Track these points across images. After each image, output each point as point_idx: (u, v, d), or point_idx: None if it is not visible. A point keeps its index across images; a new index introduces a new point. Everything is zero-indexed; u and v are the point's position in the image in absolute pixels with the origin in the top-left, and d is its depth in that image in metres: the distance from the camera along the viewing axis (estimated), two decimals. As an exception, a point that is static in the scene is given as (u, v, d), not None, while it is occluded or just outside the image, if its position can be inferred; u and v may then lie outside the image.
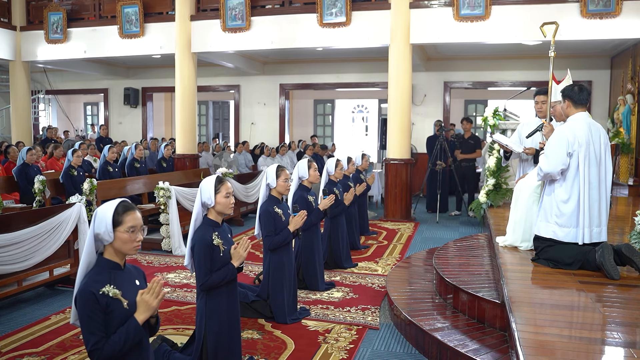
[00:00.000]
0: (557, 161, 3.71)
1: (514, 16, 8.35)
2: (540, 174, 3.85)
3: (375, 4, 9.03)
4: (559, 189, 3.78)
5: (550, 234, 3.82)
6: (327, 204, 4.89)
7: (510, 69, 11.63)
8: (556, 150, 3.72)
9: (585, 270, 3.68)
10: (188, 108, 10.15)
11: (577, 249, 3.73)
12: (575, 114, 3.81)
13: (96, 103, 17.23)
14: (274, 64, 13.32)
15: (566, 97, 3.84)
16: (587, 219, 3.69)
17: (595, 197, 3.73)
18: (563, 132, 3.76)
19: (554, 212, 3.80)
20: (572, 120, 3.81)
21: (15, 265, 4.32)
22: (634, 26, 7.86)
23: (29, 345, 3.67)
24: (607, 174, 3.77)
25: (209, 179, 3.19)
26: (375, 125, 15.17)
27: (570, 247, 3.75)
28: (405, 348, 3.71)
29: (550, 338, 2.59)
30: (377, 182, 10.02)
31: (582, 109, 3.81)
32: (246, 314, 4.11)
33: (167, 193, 6.48)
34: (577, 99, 3.79)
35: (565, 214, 3.74)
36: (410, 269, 5.33)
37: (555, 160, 3.71)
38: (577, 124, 3.76)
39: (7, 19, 11.16)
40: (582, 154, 3.68)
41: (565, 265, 3.75)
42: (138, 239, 2.36)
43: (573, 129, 3.73)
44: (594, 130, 3.76)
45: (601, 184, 3.74)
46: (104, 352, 2.21)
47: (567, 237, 3.75)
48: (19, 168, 7.57)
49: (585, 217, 3.69)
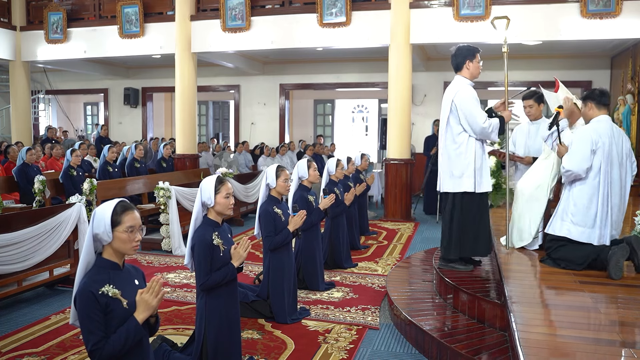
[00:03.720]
0: (583, 159, 3.66)
1: (514, 16, 8.31)
2: (566, 174, 3.78)
3: (375, 4, 9.03)
4: (579, 186, 3.73)
5: (564, 233, 3.76)
6: (328, 204, 4.89)
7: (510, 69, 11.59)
8: (581, 148, 3.68)
9: (592, 269, 3.67)
10: (188, 108, 10.15)
11: (591, 249, 3.69)
12: (599, 116, 3.81)
13: (96, 103, 17.23)
14: (274, 64, 13.32)
15: (588, 99, 3.84)
16: (604, 220, 3.66)
17: (616, 201, 3.71)
18: (587, 131, 3.74)
19: (570, 210, 3.76)
20: (596, 122, 3.79)
21: (15, 265, 4.32)
22: (634, 26, 7.86)
23: (29, 345, 3.67)
24: (627, 177, 3.77)
25: (210, 178, 3.19)
26: (375, 125, 15.16)
27: (584, 247, 3.70)
28: (405, 348, 3.71)
29: (550, 338, 2.59)
30: (377, 182, 10.02)
31: (604, 112, 3.82)
32: (246, 314, 4.11)
33: (167, 193, 6.48)
34: (600, 100, 3.79)
35: (582, 212, 3.69)
36: (410, 269, 5.33)
37: (581, 158, 3.66)
38: (601, 125, 3.75)
39: (7, 19, 11.16)
40: (605, 154, 3.66)
41: (575, 266, 3.72)
42: (137, 239, 2.36)
43: (597, 129, 3.72)
44: (616, 133, 3.76)
45: (622, 188, 3.73)
46: (104, 352, 2.21)
47: (581, 237, 3.70)
48: (18, 168, 7.57)
49: (602, 219, 3.66)
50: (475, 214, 4.07)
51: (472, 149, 4.02)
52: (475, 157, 4.02)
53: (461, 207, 4.08)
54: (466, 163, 4.02)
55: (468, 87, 4.05)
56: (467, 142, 4.02)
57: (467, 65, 4.07)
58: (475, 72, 4.09)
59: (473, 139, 4.02)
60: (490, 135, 4.00)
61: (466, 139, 4.02)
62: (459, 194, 4.07)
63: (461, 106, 3.98)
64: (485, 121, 3.95)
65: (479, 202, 4.08)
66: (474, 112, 3.95)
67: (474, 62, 4.07)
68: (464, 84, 4.07)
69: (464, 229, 4.07)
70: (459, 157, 4.03)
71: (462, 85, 4.06)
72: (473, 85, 4.11)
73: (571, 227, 3.74)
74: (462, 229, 4.07)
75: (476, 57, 4.08)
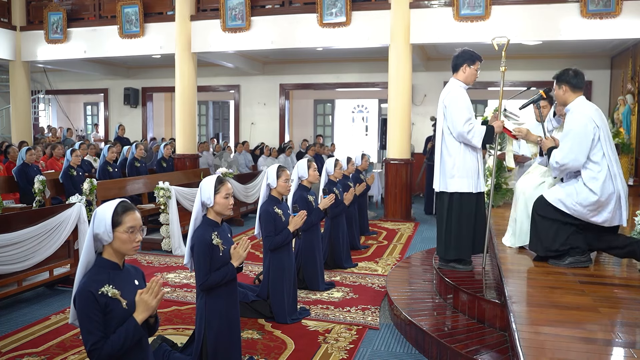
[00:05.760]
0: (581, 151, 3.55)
1: (514, 16, 8.35)
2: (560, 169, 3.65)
3: (375, 4, 9.03)
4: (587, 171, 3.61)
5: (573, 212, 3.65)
6: (327, 204, 4.89)
7: (510, 69, 11.58)
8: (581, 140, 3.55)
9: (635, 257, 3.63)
10: (188, 108, 10.15)
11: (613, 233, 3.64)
12: (576, 99, 3.70)
13: (96, 103, 17.23)
14: (274, 64, 13.32)
15: (563, 82, 3.71)
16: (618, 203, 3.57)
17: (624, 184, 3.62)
18: (580, 120, 3.59)
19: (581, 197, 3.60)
20: (579, 106, 3.66)
21: (15, 265, 4.32)
22: (634, 26, 7.85)
23: (29, 345, 3.67)
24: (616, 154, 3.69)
25: (209, 178, 3.19)
26: (375, 125, 15.16)
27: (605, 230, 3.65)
28: (405, 348, 3.71)
29: (550, 338, 2.59)
30: (377, 182, 10.02)
31: (580, 93, 3.71)
32: (246, 314, 4.11)
33: (167, 193, 6.48)
34: (575, 82, 3.68)
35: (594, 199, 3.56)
36: (410, 269, 5.33)
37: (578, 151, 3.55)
38: (586, 108, 3.63)
39: (7, 19, 11.16)
40: (603, 136, 3.57)
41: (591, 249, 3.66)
42: (137, 239, 2.36)
43: (586, 114, 3.60)
44: (599, 112, 3.67)
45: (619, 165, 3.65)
46: (103, 352, 2.21)
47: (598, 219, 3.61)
48: (18, 168, 7.57)
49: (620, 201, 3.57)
50: (468, 214, 4.07)
51: (465, 149, 4.03)
52: (466, 157, 4.02)
53: (454, 207, 4.09)
54: (459, 163, 4.03)
55: (460, 90, 4.07)
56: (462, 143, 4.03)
57: (464, 69, 4.09)
58: (470, 77, 4.10)
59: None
60: (470, 140, 3.95)
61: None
62: (452, 194, 4.08)
63: (448, 106, 4.02)
64: (465, 124, 3.93)
65: (472, 203, 4.07)
66: (456, 114, 3.97)
67: (472, 68, 4.08)
68: (456, 86, 4.10)
69: (458, 229, 4.07)
70: (452, 157, 4.05)
71: (455, 87, 4.10)
72: (466, 89, 4.12)
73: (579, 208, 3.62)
74: (457, 229, 4.08)
75: (476, 64, 4.08)
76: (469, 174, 4.03)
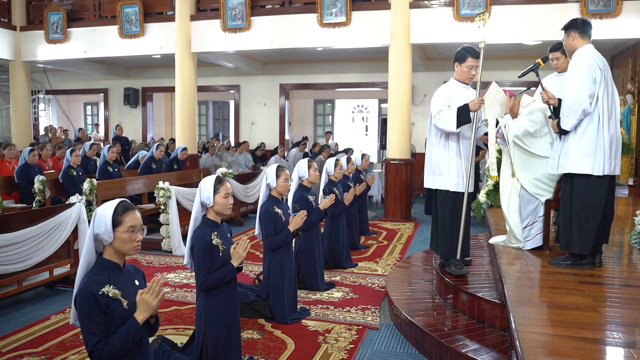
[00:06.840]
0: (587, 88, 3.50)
1: (514, 16, 8.35)
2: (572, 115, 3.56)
3: (375, 4, 9.04)
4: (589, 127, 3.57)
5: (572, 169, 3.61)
6: (327, 204, 4.89)
7: (511, 69, 11.62)
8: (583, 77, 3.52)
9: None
10: (188, 108, 10.16)
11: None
12: (584, 45, 3.67)
13: (96, 103, 17.24)
14: (274, 64, 13.32)
15: (572, 29, 3.70)
16: (605, 150, 3.54)
17: (613, 130, 3.59)
18: (582, 60, 3.57)
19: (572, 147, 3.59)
20: (584, 50, 3.63)
21: (15, 265, 4.32)
22: (634, 26, 7.86)
23: (29, 345, 3.67)
24: (616, 107, 3.65)
25: (209, 178, 3.20)
26: (375, 125, 15.16)
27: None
28: (405, 348, 3.71)
29: (550, 338, 2.59)
30: (377, 182, 10.02)
31: (587, 41, 3.68)
32: (246, 314, 4.11)
33: (167, 193, 6.48)
34: (583, 29, 3.67)
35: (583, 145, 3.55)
36: (410, 269, 5.33)
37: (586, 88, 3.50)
38: (591, 51, 3.61)
39: (7, 19, 11.17)
40: (602, 81, 3.54)
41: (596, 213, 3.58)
42: (138, 239, 2.36)
43: (589, 55, 3.58)
44: (604, 61, 3.64)
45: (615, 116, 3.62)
46: (104, 352, 2.21)
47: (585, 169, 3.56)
48: (20, 168, 7.55)
49: (604, 148, 3.53)
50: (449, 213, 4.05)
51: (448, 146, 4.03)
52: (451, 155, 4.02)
53: (439, 205, 4.11)
54: (443, 161, 4.04)
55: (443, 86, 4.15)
56: (445, 139, 4.04)
57: (456, 67, 4.14)
58: (461, 75, 4.12)
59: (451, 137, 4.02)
60: (443, 126, 3.93)
61: (444, 136, 4.04)
62: (438, 192, 4.10)
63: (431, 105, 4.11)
64: (436, 115, 3.98)
65: (453, 202, 4.04)
66: (431, 108, 4.05)
67: (462, 66, 4.09)
68: (445, 84, 4.20)
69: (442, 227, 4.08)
70: (437, 155, 4.08)
71: (443, 85, 4.19)
72: (464, 87, 4.13)
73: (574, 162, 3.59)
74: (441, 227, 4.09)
75: (466, 61, 4.07)
76: (449, 171, 4.03)
